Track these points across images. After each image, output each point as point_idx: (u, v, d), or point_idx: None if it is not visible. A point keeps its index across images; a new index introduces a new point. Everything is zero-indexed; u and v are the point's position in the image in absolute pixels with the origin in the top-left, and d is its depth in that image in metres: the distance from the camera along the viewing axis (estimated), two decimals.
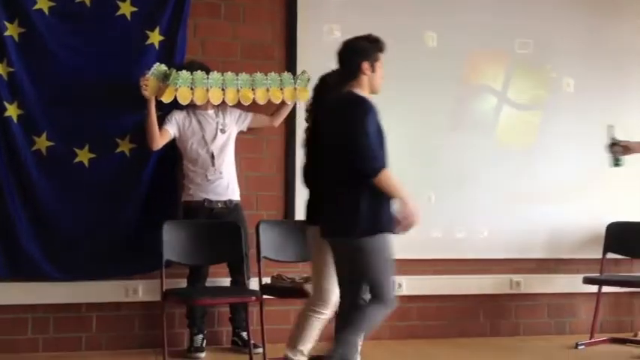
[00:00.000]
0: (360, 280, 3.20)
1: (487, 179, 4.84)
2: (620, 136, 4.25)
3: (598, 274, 4.82)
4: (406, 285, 4.62)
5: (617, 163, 3.82)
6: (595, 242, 4.95)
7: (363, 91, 3.25)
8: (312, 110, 3.60)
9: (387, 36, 4.74)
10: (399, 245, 4.42)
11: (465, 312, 4.87)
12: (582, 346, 4.59)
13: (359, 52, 3.28)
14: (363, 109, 3.13)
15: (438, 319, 4.79)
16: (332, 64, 4.62)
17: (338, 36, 4.69)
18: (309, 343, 3.52)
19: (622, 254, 4.96)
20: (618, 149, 3.81)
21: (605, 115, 5.07)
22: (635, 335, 4.95)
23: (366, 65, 3.25)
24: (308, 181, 3.53)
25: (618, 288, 4.92)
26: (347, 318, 3.23)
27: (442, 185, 4.78)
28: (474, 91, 4.94)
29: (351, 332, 3.19)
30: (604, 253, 4.89)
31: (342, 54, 3.32)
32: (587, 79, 5.12)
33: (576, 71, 5.12)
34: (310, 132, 3.55)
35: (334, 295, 3.40)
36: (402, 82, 4.62)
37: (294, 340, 3.51)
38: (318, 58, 4.62)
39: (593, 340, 4.71)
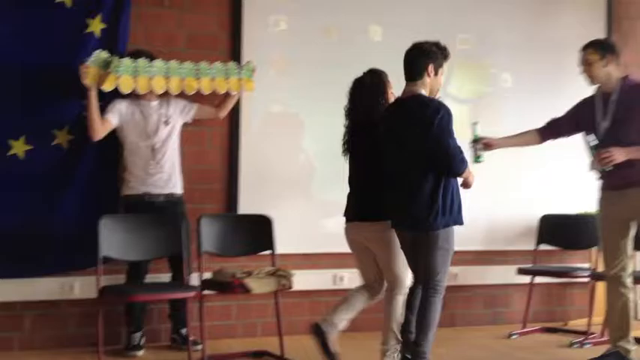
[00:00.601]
0: (435, 269, 3.45)
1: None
2: (483, 133, 4.35)
3: (531, 265, 4.99)
4: (348, 278, 4.65)
5: (477, 159, 3.95)
6: (529, 234, 5.11)
7: (424, 87, 3.48)
8: (351, 111, 3.77)
9: (332, 30, 4.81)
10: (344, 239, 4.49)
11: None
12: (515, 336, 4.75)
13: (427, 54, 3.51)
14: (446, 112, 3.38)
15: (376, 311, 4.84)
16: (277, 56, 4.66)
17: (284, 28, 4.69)
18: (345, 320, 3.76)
19: (554, 245, 5.14)
20: (479, 146, 3.95)
21: (542, 109, 5.19)
22: (566, 324, 5.16)
23: (430, 68, 3.48)
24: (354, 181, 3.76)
25: (550, 278, 5.11)
26: (425, 312, 3.47)
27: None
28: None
29: (431, 332, 3.49)
30: (537, 244, 5.07)
31: (410, 54, 3.56)
32: (525, 74, 5.26)
33: (515, 66, 5.24)
34: (354, 133, 3.71)
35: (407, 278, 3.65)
36: (347, 75, 4.61)
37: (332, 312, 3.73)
38: (263, 49, 4.62)
39: (525, 330, 4.88)
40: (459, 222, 3.50)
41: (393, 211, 3.55)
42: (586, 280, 4.86)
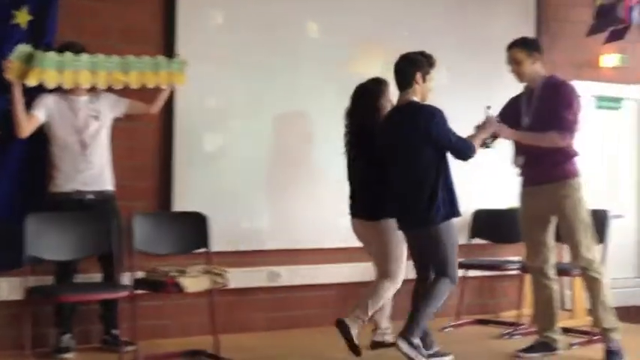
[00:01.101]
0: (445, 261, 3.81)
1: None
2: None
3: (464, 259, 5.08)
4: (284, 275, 4.64)
5: (486, 145, 4.09)
6: (462, 229, 5.20)
7: (415, 95, 3.82)
8: (352, 115, 4.12)
9: (269, 25, 4.78)
10: (279, 236, 4.48)
11: (344, 300, 4.97)
12: (449, 329, 4.84)
13: (413, 63, 3.84)
14: (439, 114, 3.79)
15: (316, 307, 4.86)
16: (213, 51, 4.60)
17: (220, 22, 4.63)
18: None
19: (486, 239, 5.27)
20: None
21: (477, 106, 5.32)
22: (497, 316, 5.28)
23: (418, 76, 3.79)
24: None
25: (483, 271, 5.23)
26: (430, 293, 3.80)
27: (322, 175, 4.82)
28: (355, 81, 4.99)
29: (432, 306, 3.82)
30: (469, 238, 5.17)
31: (398, 65, 3.87)
32: (461, 71, 5.35)
33: (451, 63, 5.31)
34: (356, 136, 4.03)
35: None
36: (284, 70, 4.61)
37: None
38: (199, 44, 4.55)
39: (459, 322, 4.98)
40: (458, 214, 3.84)
41: (397, 211, 3.88)
42: (516, 272, 4.97)
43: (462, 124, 5.17)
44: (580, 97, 4.09)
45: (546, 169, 3.98)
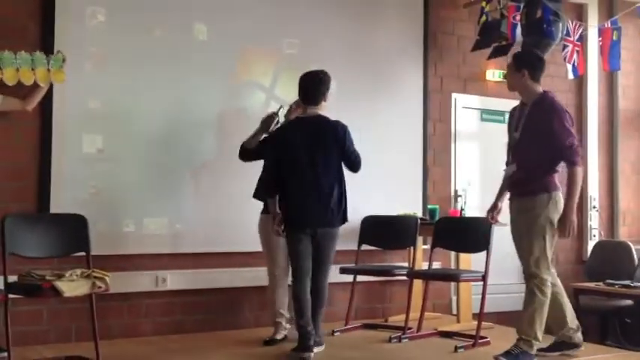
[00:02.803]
0: (331, 260, 4.20)
1: (247, 173, 4.70)
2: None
3: (353, 265, 5.15)
4: (170, 280, 4.56)
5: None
6: (352, 234, 5.26)
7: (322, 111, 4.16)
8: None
9: (156, 27, 4.73)
10: (162, 239, 4.39)
11: (229, 304, 4.93)
12: (338, 333, 4.87)
13: (324, 83, 4.17)
14: (347, 128, 4.19)
15: (202, 312, 4.79)
16: (94, 50, 4.49)
17: (102, 20, 4.53)
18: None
19: (375, 246, 5.35)
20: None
21: (361, 114, 5.45)
22: (386, 321, 5.36)
23: (327, 95, 4.18)
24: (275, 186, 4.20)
25: (371, 277, 5.30)
26: (323, 298, 4.17)
27: (206, 177, 4.78)
28: (243, 86, 5.01)
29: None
30: (359, 244, 5.24)
31: (307, 81, 4.18)
32: (348, 81, 5.43)
33: (338, 73, 5.37)
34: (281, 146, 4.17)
35: None
36: (170, 73, 4.55)
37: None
38: (78, 42, 4.44)
39: (347, 327, 5.02)
40: (346, 219, 4.25)
41: (301, 212, 4.12)
42: (404, 278, 5.07)
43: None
44: (567, 112, 4.07)
45: (524, 182, 4.06)
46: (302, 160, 4.09)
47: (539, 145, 4.01)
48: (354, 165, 4.23)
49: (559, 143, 3.96)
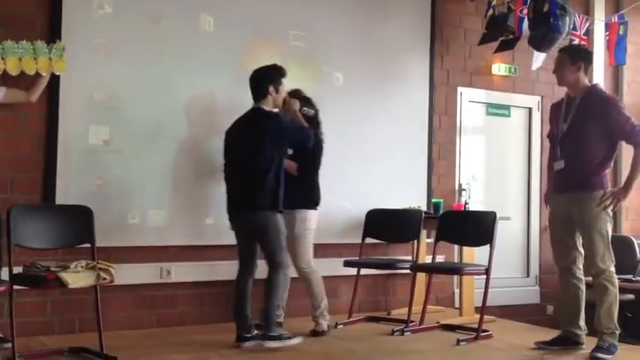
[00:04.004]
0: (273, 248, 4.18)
1: None
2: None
3: (357, 258, 5.16)
4: (175, 272, 4.57)
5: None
6: (357, 228, 5.28)
7: (268, 107, 4.22)
8: None
9: (163, 18, 4.72)
10: (167, 232, 4.41)
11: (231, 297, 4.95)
12: (341, 325, 4.88)
13: (267, 79, 4.23)
14: (281, 119, 4.27)
15: (207, 304, 4.80)
16: (101, 40, 4.48)
17: (109, 11, 4.51)
18: None
19: (379, 239, 5.35)
20: None
21: (370, 110, 5.46)
22: (389, 314, 5.38)
23: (271, 88, 4.20)
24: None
25: (374, 270, 5.31)
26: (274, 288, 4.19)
27: (212, 170, 4.78)
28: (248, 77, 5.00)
29: (274, 300, 4.22)
30: (363, 238, 5.24)
31: (252, 79, 4.26)
32: (355, 73, 5.44)
33: (345, 66, 5.41)
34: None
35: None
36: (177, 65, 4.55)
37: None
38: (85, 33, 4.43)
39: (350, 320, 5.04)
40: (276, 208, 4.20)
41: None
42: (407, 271, 5.08)
43: (354, 126, 5.33)
44: (621, 102, 4.19)
45: (578, 178, 4.09)
46: (235, 152, 4.25)
47: (594, 137, 4.06)
48: (302, 142, 4.31)
49: (620, 129, 4.05)
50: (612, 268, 4.11)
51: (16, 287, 3.68)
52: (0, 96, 4.06)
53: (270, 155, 4.14)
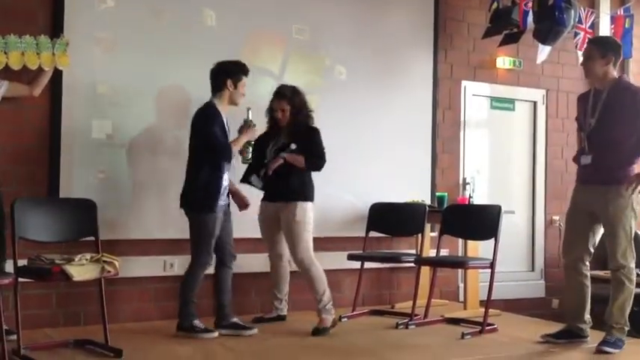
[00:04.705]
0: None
1: None
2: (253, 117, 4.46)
3: (361, 251, 5.16)
4: (178, 265, 4.59)
5: (245, 159, 4.39)
6: (360, 221, 5.28)
7: (222, 102, 4.20)
8: None
9: (165, 12, 4.72)
10: (169, 225, 4.41)
11: (236, 289, 4.94)
12: (345, 319, 4.88)
13: (224, 72, 4.21)
14: (201, 115, 4.20)
15: (210, 297, 4.76)
16: (103, 35, 4.49)
17: (111, 5, 4.52)
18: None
19: (383, 232, 5.35)
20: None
21: (373, 104, 5.44)
22: (393, 307, 5.38)
23: (229, 82, 4.17)
24: None
25: (379, 264, 5.31)
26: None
27: None
28: (252, 72, 4.98)
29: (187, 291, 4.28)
30: (367, 231, 5.24)
31: (212, 71, 4.23)
32: (358, 67, 5.42)
33: (348, 60, 5.40)
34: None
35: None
36: (179, 59, 4.55)
37: None
38: (87, 27, 4.44)
39: (354, 313, 5.04)
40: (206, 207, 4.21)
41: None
42: (411, 265, 5.08)
43: (357, 120, 5.32)
44: None
45: (606, 171, 4.05)
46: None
47: (623, 132, 4.01)
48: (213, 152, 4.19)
49: None
50: (632, 265, 4.07)
51: (21, 280, 3.69)
52: (3, 90, 4.06)
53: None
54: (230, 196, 4.41)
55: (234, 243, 4.45)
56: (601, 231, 4.22)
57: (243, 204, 4.54)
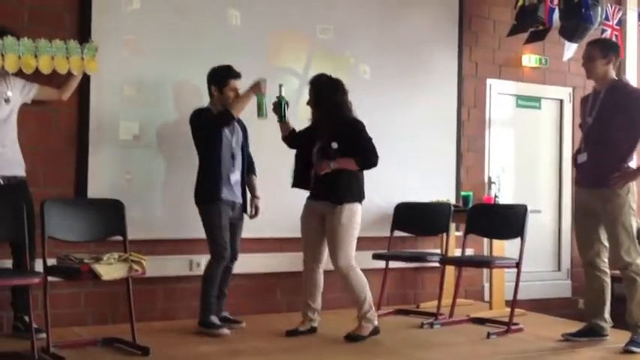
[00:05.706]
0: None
1: (282, 160, 4.68)
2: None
3: (386, 251, 5.15)
4: (204, 264, 4.60)
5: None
6: (385, 221, 5.27)
7: (216, 107, 4.34)
8: None
9: (190, 13, 4.76)
10: (196, 224, 4.45)
11: (263, 289, 4.98)
12: None
13: (209, 78, 4.36)
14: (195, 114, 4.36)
15: (236, 297, 4.82)
16: (130, 37, 4.54)
17: (137, 7, 4.56)
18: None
19: (407, 232, 5.34)
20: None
21: (398, 103, 5.43)
22: (418, 307, 5.36)
23: (213, 88, 4.34)
24: None
25: (403, 263, 5.30)
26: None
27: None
28: (276, 72, 5.01)
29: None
30: (392, 231, 5.24)
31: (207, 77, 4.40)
32: (382, 66, 5.41)
33: (372, 59, 5.39)
34: None
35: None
36: (204, 59, 4.58)
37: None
38: (114, 29, 4.49)
39: (379, 313, 5.00)
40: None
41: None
42: (436, 264, 5.06)
43: (382, 119, 5.30)
44: None
45: (600, 173, 4.07)
46: None
47: (618, 131, 4.02)
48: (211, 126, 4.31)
49: None
50: (639, 261, 4.07)
51: (50, 279, 3.76)
52: (33, 93, 4.12)
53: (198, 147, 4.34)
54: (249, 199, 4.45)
55: (239, 245, 4.49)
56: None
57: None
